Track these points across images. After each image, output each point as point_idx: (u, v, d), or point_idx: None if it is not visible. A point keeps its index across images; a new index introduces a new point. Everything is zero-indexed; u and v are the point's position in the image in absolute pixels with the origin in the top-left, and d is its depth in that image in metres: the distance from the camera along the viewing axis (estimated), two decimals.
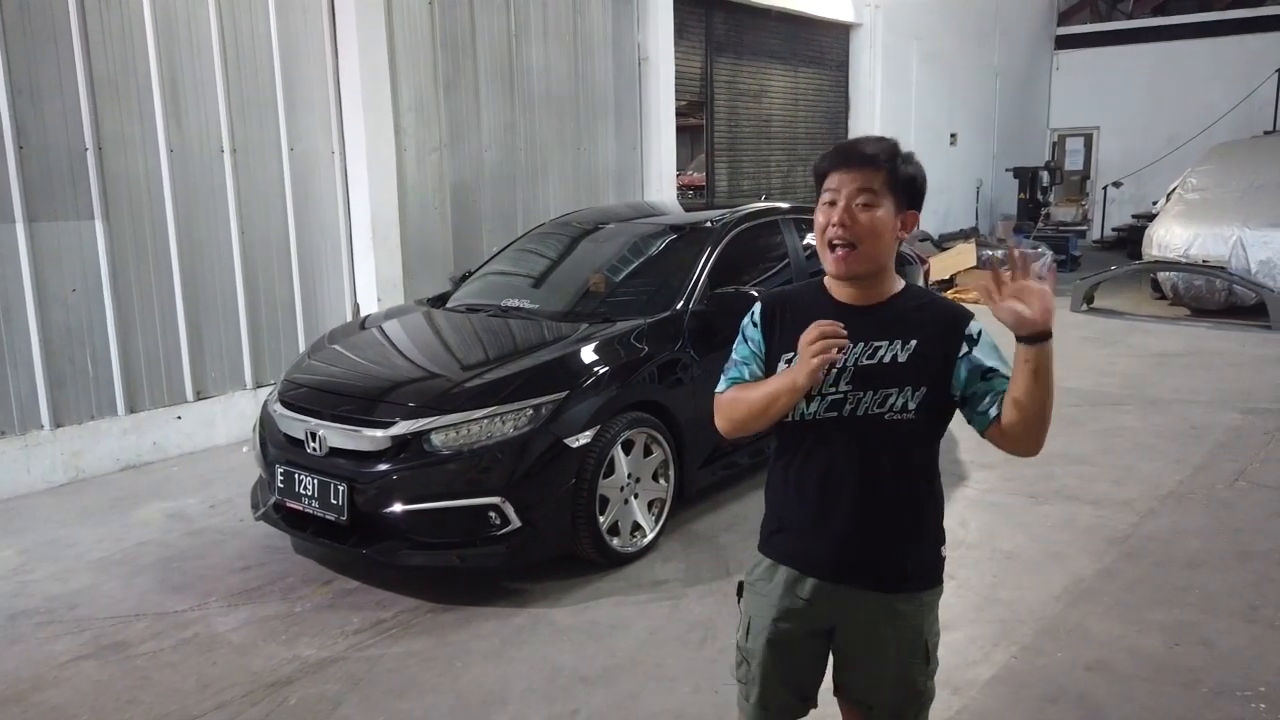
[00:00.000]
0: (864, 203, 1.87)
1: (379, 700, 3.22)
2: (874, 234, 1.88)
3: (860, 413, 1.90)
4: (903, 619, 1.98)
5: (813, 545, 1.99)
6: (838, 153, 1.94)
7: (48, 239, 5.29)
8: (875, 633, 1.98)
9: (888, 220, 1.90)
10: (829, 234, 1.90)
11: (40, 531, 4.74)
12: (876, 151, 1.90)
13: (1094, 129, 17.39)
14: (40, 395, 5.32)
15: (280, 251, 6.42)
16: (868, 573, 1.96)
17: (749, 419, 1.95)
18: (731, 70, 10.68)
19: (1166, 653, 3.42)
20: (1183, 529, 4.52)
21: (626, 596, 3.94)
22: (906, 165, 1.92)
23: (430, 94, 7.19)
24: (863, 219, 1.87)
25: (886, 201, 1.89)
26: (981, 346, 1.92)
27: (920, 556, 2.00)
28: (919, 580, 2.00)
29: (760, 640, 2.04)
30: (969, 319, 1.95)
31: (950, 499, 4.89)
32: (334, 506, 3.91)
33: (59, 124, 5.29)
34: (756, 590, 2.08)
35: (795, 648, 2.03)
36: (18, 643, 3.65)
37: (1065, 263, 13.04)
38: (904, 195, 1.92)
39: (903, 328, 1.92)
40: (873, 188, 1.87)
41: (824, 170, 1.94)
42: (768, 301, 2.06)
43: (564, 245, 5.71)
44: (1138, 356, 8.21)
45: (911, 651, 2.01)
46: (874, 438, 1.91)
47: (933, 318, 1.94)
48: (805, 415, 1.93)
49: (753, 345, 2.03)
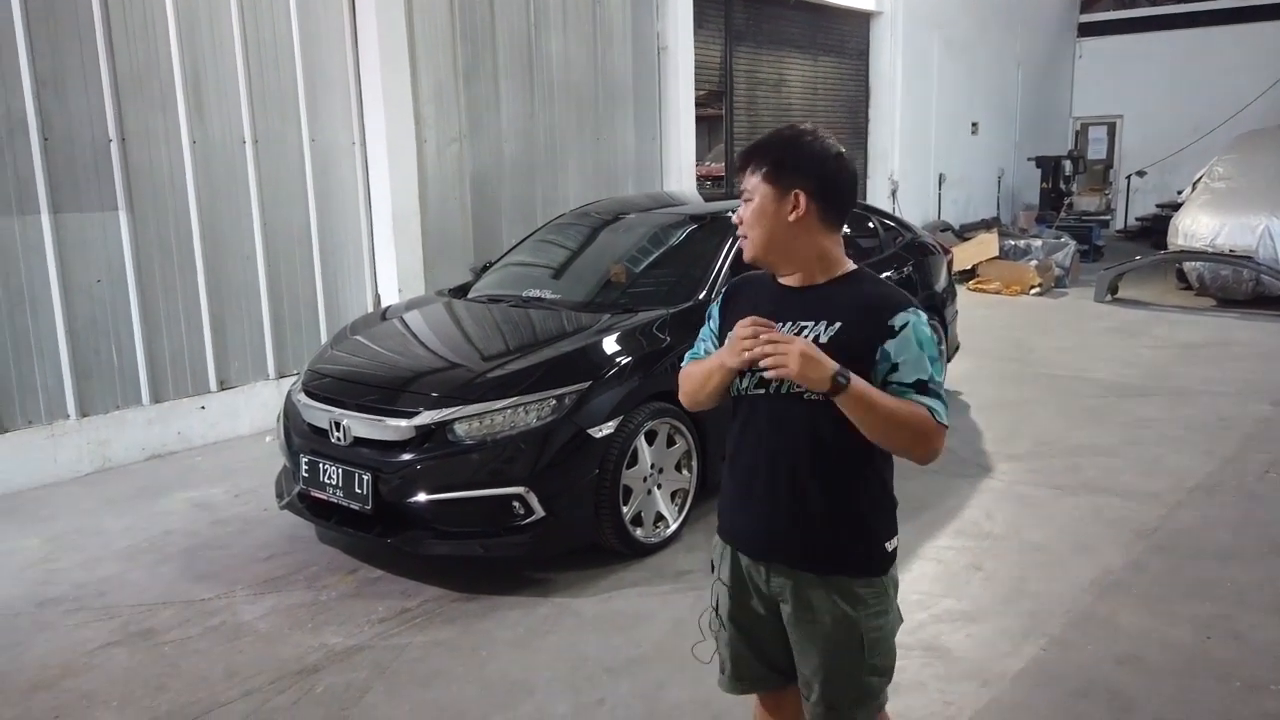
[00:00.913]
0: (746, 198, 2.02)
1: (405, 688, 3.23)
2: (754, 223, 2.00)
3: (784, 390, 1.96)
4: (829, 603, 1.99)
5: (744, 522, 2.08)
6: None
7: (73, 230, 5.32)
8: (803, 614, 2.01)
9: (765, 207, 1.98)
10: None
11: (67, 520, 4.78)
12: (750, 149, 2.05)
13: (1117, 117, 17.18)
14: (66, 385, 5.36)
15: (302, 242, 6.44)
16: (790, 552, 2.01)
17: (695, 391, 2.09)
18: (751, 59, 10.62)
19: (1198, 646, 3.38)
20: (1212, 521, 4.46)
21: (650, 587, 3.93)
22: (776, 154, 1.99)
23: (450, 85, 7.18)
24: (744, 212, 2.03)
25: (762, 190, 1.98)
26: (899, 341, 1.90)
27: (845, 542, 1.99)
28: (849, 567, 2.00)
29: (724, 612, 2.14)
30: (898, 309, 1.93)
31: (976, 490, 4.87)
32: (358, 496, 3.92)
33: (83, 116, 5.32)
34: (716, 567, 2.19)
35: (755, 623, 2.10)
36: (47, 629, 3.69)
37: (1088, 253, 12.91)
38: (783, 178, 1.97)
39: (830, 309, 1.97)
40: (747, 184, 2.01)
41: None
42: (730, 286, 2.20)
43: (584, 236, 5.69)
44: (1163, 347, 8.12)
45: (844, 640, 1.99)
46: (795, 416, 1.96)
47: (861, 303, 1.96)
48: (739, 390, 2.03)
49: (711, 324, 2.17)
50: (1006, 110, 15.45)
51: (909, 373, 1.89)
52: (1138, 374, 7.23)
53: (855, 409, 1.83)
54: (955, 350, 6.80)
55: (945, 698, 3.10)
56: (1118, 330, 8.86)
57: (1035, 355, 7.90)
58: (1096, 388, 6.87)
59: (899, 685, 3.11)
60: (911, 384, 1.88)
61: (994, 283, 10.99)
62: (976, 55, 14.26)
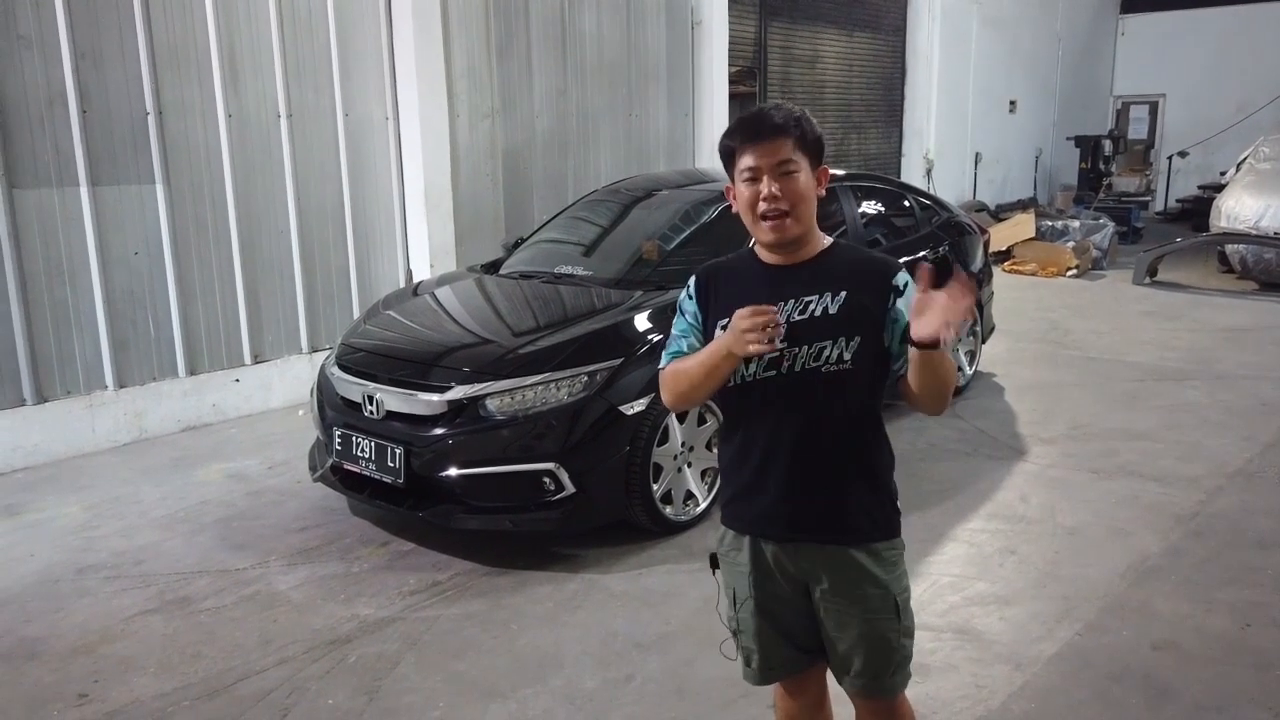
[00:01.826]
0: (786, 171, 1.92)
1: (436, 660, 3.26)
2: (802, 198, 1.93)
3: (798, 368, 1.93)
4: (864, 570, 1.99)
5: (765, 508, 2.02)
6: (746, 127, 1.97)
7: (110, 203, 5.37)
8: (840, 588, 2.00)
9: (809, 183, 1.96)
10: (761, 208, 1.92)
11: (105, 489, 4.86)
12: (784, 121, 1.94)
13: (1160, 96, 16.83)
14: (104, 356, 5.43)
15: (335, 216, 6.46)
16: (819, 527, 1.99)
17: (691, 389, 2.00)
18: (785, 35, 10.49)
19: (1237, 633, 3.32)
20: (1252, 508, 4.39)
21: (679, 565, 3.93)
22: (810, 126, 1.97)
23: (483, 60, 7.16)
24: (789, 187, 1.92)
25: (804, 164, 1.94)
26: (906, 298, 1.93)
27: (868, 508, 2.01)
28: (872, 531, 2.01)
29: (747, 610, 2.09)
30: (897, 269, 1.99)
31: (1010, 473, 4.83)
32: (390, 469, 3.95)
33: (121, 89, 5.35)
34: (729, 561, 2.12)
35: (781, 608, 2.07)
36: (86, 596, 3.75)
37: (1127, 234, 12.68)
38: (814, 155, 1.97)
39: (831, 280, 1.96)
40: (789, 156, 1.92)
41: (734, 147, 1.97)
42: (700, 274, 2.11)
43: (616, 212, 5.66)
44: (1203, 331, 7.97)
45: (879, 606, 2.01)
46: (814, 392, 1.94)
47: (861, 269, 1.99)
48: (745, 377, 1.96)
49: (689, 318, 2.07)
50: (1046, 88, 15.18)
51: None
52: (1176, 358, 7.11)
53: (934, 363, 1.81)
54: (990, 331, 6.72)
55: (978, 681, 3.07)
56: (1156, 313, 8.71)
57: (1071, 338, 7.79)
58: (1134, 371, 6.76)
59: (930, 667, 3.12)
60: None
61: (1030, 264, 10.84)
62: (1016, 31, 14.01)
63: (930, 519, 4.30)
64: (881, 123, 12.28)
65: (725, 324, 1.95)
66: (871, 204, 5.91)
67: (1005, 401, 6.06)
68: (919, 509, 4.37)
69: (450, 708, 3.01)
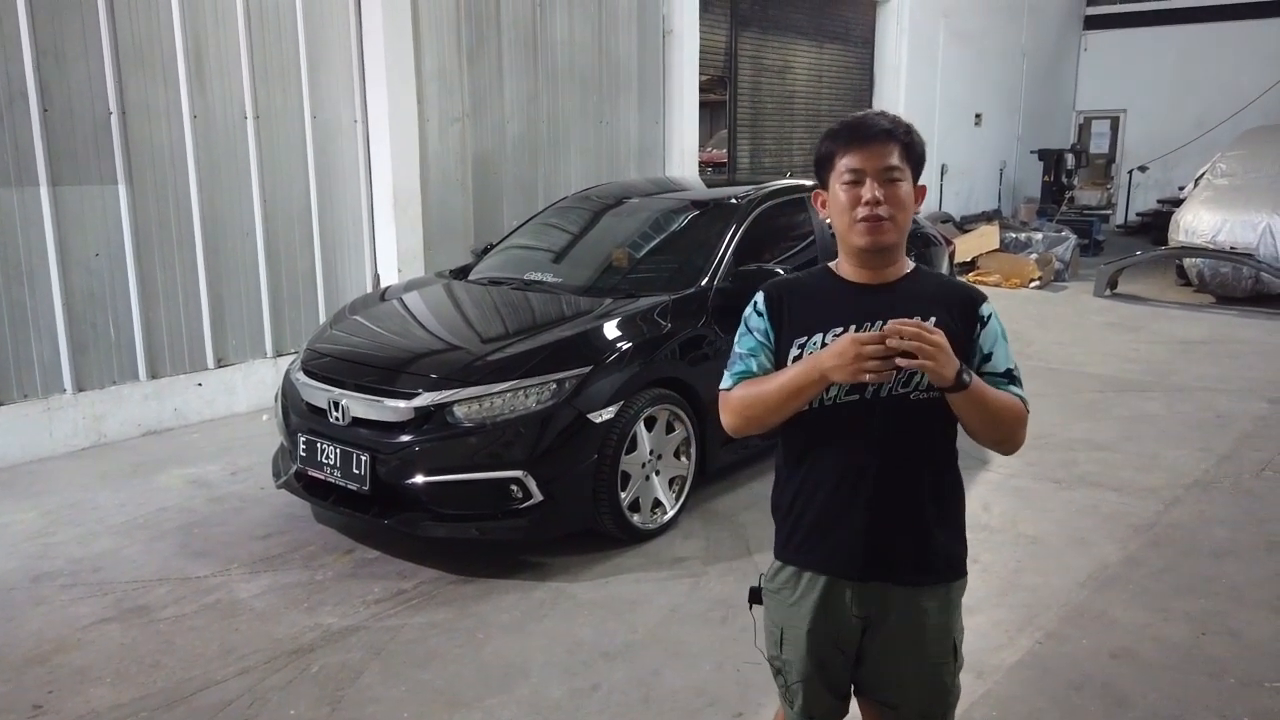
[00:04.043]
0: (891, 178, 1.83)
1: (401, 670, 3.23)
2: (904, 206, 1.84)
3: (884, 394, 1.82)
4: (930, 615, 1.91)
5: (837, 544, 1.89)
6: (851, 129, 1.86)
7: (71, 203, 5.28)
8: (905, 631, 1.91)
9: (910, 193, 1.86)
10: (861, 212, 1.82)
11: (63, 494, 4.77)
12: (892, 126, 1.85)
13: (1121, 111, 17.13)
14: (63, 359, 5.33)
15: (301, 219, 6.40)
16: (895, 568, 1.88)
17: (766, 414, 1.86)
18: (756, 45, 10.55)
19: (1193, 642, 3.38)
20: (1209, 518, 4.47)
21: (647, 573, 3.93)
22: (916, 138, 1.89)
23: (453, 64, 7.13)
24: (892, 193, 1.82)
25: (907, 174, 1.85)
26: (988, 332, 1.89)
27: (946, 547, 1.94)
28: (946, 572, 1.94)
29: (799, 651, 1.96)
30: (983, 299, 1.94)
31: (973, 482, 4.87)
32: (356, 476, 3.91)
33: (83, 88, 5.26)
34: (782, 600, 1.98)
35: (833, 652, 1.95)
36: (41, 604, 3.68)
37: (1088, 247, 12.90)
38: (917, 169, 1.89)
39: (920, 302, 1.86)
40: (896, 163, 1.83)
41: (834, 149, 1.87)
42: (771, 289, 1.98)
43: (587, 219, 5.67)
44: (1162, 343, 8.12)
45: (940, 649, 1.94)
46: (898, 421, 1.84)
47: (949, 294, 1.92)
48: (825, 402, 1.85)
49: (759, 335, 1.94)
50: (1011, 102, 15.40)
51: (1001, 362, 1.87)
52: (1136, 369, 7.23)
53: (970, 405, 1.76)
54: None
55: None
56: (1117, 325, 8.86)
57: (1034, 349, 7.90)
58: (1095, 382, 6.86)
59: None
60: (1003, 373, 1.86)
61: (994, 275, 10.98)
62: (982, 45, 14.20)
63: None
64: None
65: (804, 343, 1.86)
66: None
67: None
68: None
69: (415, 718, 2.98)
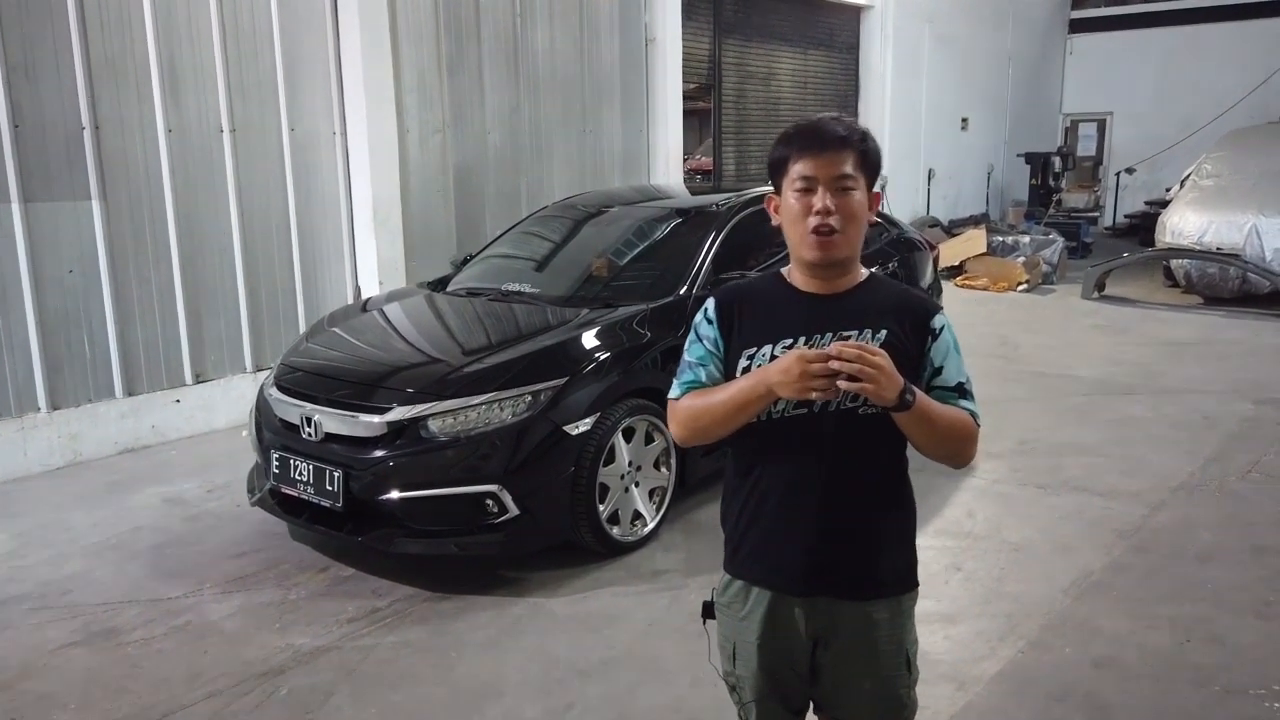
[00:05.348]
0: (843, 187, 1.78)
1: (371, 691, 3.17)
2: (856, 217, 1.79)
3: (833, 408, 1.78)
4: (882, 629, 1.87)
5: (783, 559, 1.86)
6: (805, 135, 1.81)
7: (44, 220, 5.22)
8: (856, 645, 1.87)
9: (864, 203, 1.81)
10: (812, 222, 1.77)
11: (36, 515, 4.70)
12: (847, 133, 1.80)
13: (1107, 114, 17.15)
14: (37, 377, 5.26)
15: (280, 233, 6.35)
16: (843, 582, 1.85)
17: (713, 425, 1.83)
18: (740, 52, 10.54)
19: (1177, 649, 3.34)
20: (1194, 522, 4.43)
21: (626, 586, 3.88)
22: (873, 144, 1.84)
23: (433, 75, 7.09)
24: (844, 203, 1.78)
25: (861, 183, 1.81)
26: (940, 345, 1.85)
27: (895, 559, 1.90)
28: (895, 585, 1.90)
29: (750, 667, 1.92)
30: (935, 310, 1.89)
31: (958, 489, 4.83)
32: (329, 493, 3.85)
33: (55, 103, 5.21)
34: (732, 614, 1.95)
35: (784, 669, 1.92)
36: (8, 629, 3.61)
37: (1077, 249, 12.89)
38: (871, 176, 1.84)
39: (872, 315, 1.82)
40: (849, 171, 1.78)
41: (788, 155, 1.82)
42: (723, 297, 1.93)
43: (567, 228, 5.63)
44: (1149, 345, 8.09)
45: (893, 663, 1.90)
46: (846, 435, 1.80)
47: (902, 306, 1.87)
48: (773, 415, 1.81)
49: (709, 344, 1.89)
50: (997, 106, 15.41)
51: (951, 375, 1.84)
52: (1123, 372, 7.20)
53: (915, 423, 1.73)
54: None
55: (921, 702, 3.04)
56: (1104, 328, 8.83)
57: (1021, 352, 7.87)
58: (1082, 385, 6.83)
59: None
60: (954, 387, 1.83)
61: (981, 279, 10.96)
62: (968, 50, 14.21)
63: None
64: None
65: (753, 354, 1.82)
66: None
67: None
68: None
69: None
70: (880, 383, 1.63)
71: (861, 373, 1.62)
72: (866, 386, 1.63)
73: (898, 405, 1.68)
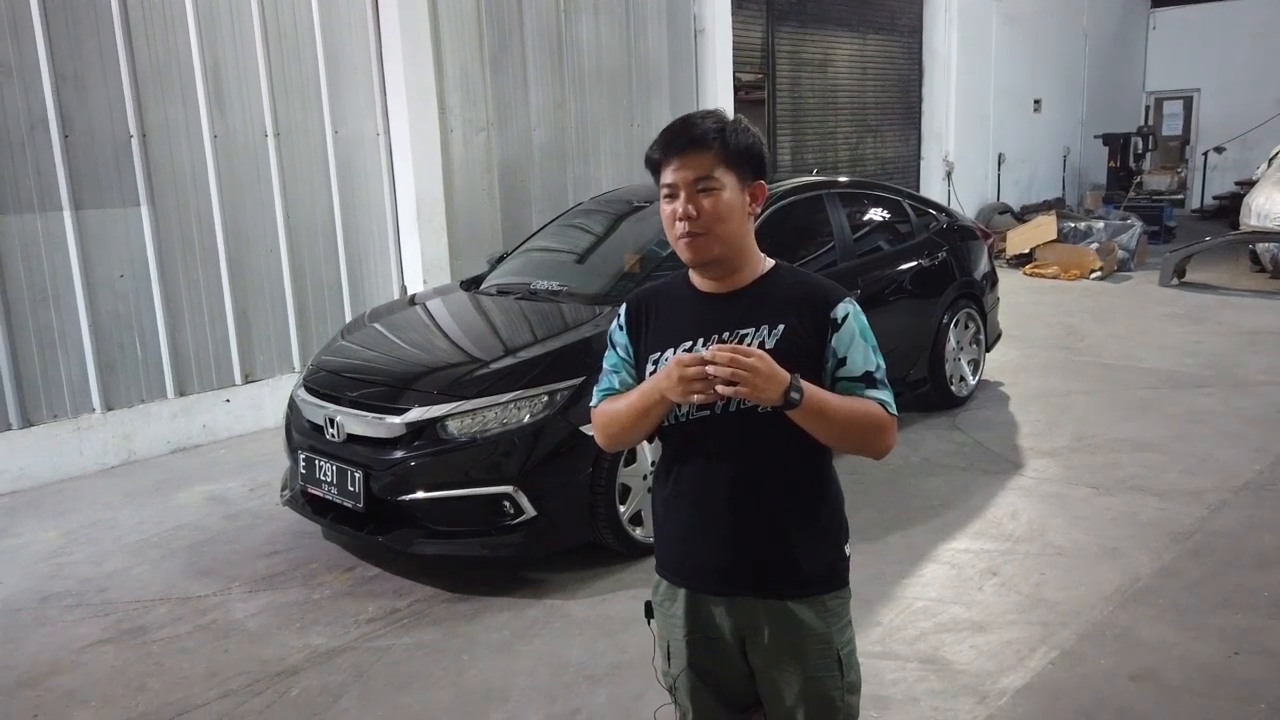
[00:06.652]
0: (704, 188, 1.75)
1: (380, 693, 3.17)
2: (720, 218, 1.75)
3: (733, 408, 1.76)
4: (806, 627, 1.83)
5: (699, 558, 1.86)
6: (665, 139, 1.79)
7: (95, 226, 5.39)
8: (779, 644, 1.84)
9: (734, 200, 1.77)
10: (677, 229, 1.76)
11: (86, 513, 4.85)
12: (704, 130, 1.76)
13: (1194, 91, 16.37)
14: (91, 379, 5.43)
15: (325, 234, 6.44)
16: (758, 580, 1.83)
17: (623, 432, 1.86)
18: (794, 40, 10.33)
19: (1223, 662, 3.12)
20: (1257, 524, 4.16)
21: (646, 589, 3.73)
22: (739, 136, 1.78)
23: (476, 73, 7.10)
24: (707, 205, 1.74)
25: (728, 180, 1.76)
26: (843, 334, 1.79)
27: (813, 556, 1.84)
28: (817, 583, 1.85)
29: (681, 664, 1.92)
30: (837, 299, 1.82)
31: (1003, 489, 4.63)
32: (351, 493, 3.88)
33: (103, 112, 5.37)
34: (664, 611, 1.94)
35: (717, 666, 1.90)
36: (45, 625, 3.72)
37: (1159, 234, 12.32)
38: (746, 168, 1.79)
39: (768, 311, 1.80)
40: (710, 173, 1.75)
41: (657, 160, 1.80)
42: (632, 302, 1.94)
43: (603, 224, 5.56)
44: (1227, 334, 7.66)
45: (820, 663, 1.84)
46: (750, 433, 1.78)
47: (799, 297, 1.82)
48: (678, 418, 1.81)
49: (620, 351, 1.91)
50: (1073, 86, 14.83)
51: (857, 365, 1.79)
52: (1196, 363, 6.83)
53: (809, 420, 1.70)
54: (996, 339, 6.51)
55: (938, 715, 2.91)
56: (1181, 316, 8.40)
57: (1087, 343, 7.53)
58: (1149, 378, 6.50)
59: (889, 700, 2.97)
60: (860, 377, 1.79)
61: (1052, 267, 10.55)
62: (1039, 29, 13.69)
63: (912, 538, 4.13)
64: (899, 126, 12.05)
65: (657, 359, 1.82)
66: (861, 212, 5.73)
67: (1009, 412, 5.85)
68: (902, 528, 4.21)
69: None
70: (757, 384, 1.61)
71: (735, 376, 1.60)
72: (742, 390, 1.61)
73: (784, 404, 1.65)
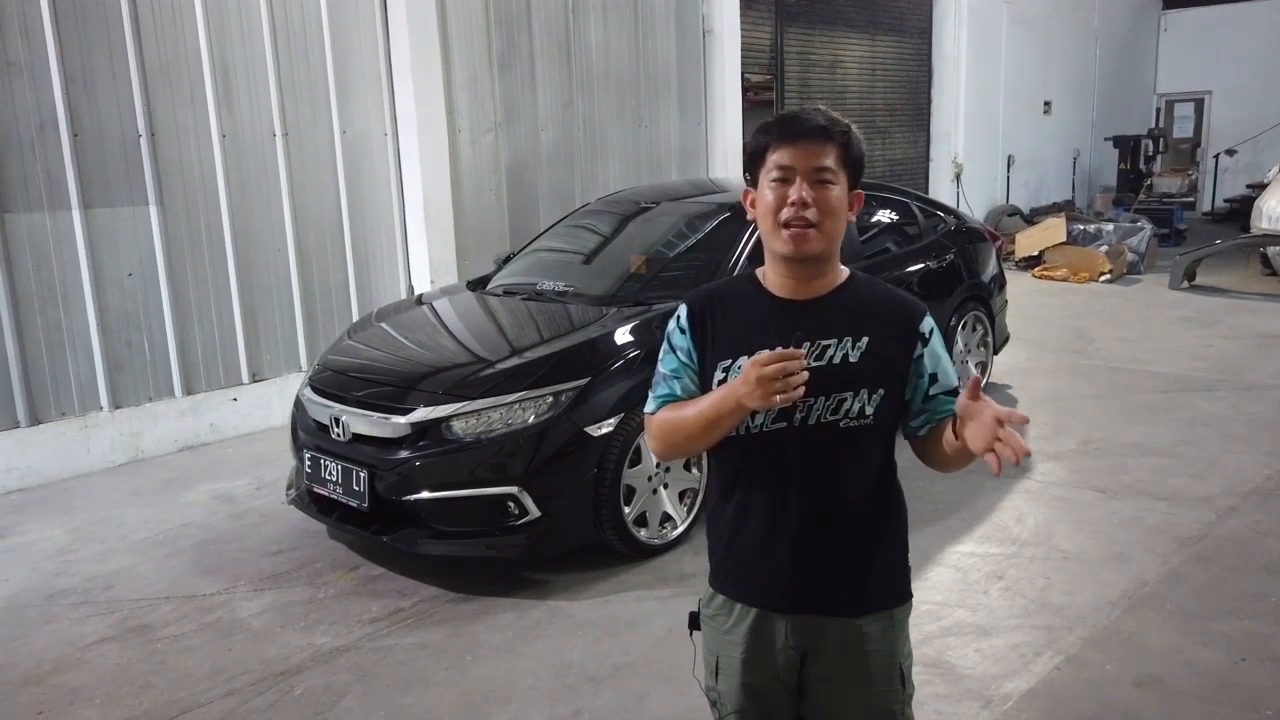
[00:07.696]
0: (822, 179, 1.67)
1: (382, 693, 3.17)
2: (832, 213, 1.68)
3: (813, 421, 1.69)
4: (873, 643, 1.77)
5: (768, 575, 1.77)
6: (784, 123, 1.71)
7: (103, 225, 5.41)
8: (845, 661, 1.78)
9: (844, 199, 1.71)
10: (785, 214, 1.67)
11: (92, 511, 4.86)
12: (828, 124, 1.70)
13: (1205, 93, 16.29)
14: (99, 377, 5.46)
15: (333, 234, 6.45)
16: (830, 598, 1.76)
17: (688, 442, 1.75)
18: (804, 41, 10.32)
19: (1229, 669, 3.10)
20: (1265, 529, 4.13)
21: (650, 590, 3.80)
22: (858, 142, 1.74)
23: (484, 73, 7.11)
24: (821, 197, 1.67)
25: (841, 179, 1.70)
26: (931, 350, 1.76)
27: (886, 574, 1.80)
28: (887, 597, 1.80)
29: (733, 682, 1.83)
30: (922, 313, 1.78)
31: (1010, 492, 4.62)
32: (356, 493, 3.88)
33: (112, 111, 5.39)
34: (716, 627, 1.86)
35: (771, 686, 1.82)
36: (51, 623, 3.73)
37: (1169, 237, 12.28)
38: (855, 174, 1.74)
39: (851, 322, 1.72)
40: (829, 164, 1.68)
41: (766, 144, 1.71)
42: (695, 303, 1.82)
43: (610, 225, 5.56)
44: (1238, 338, 7.62)
45: (885, 677, 1.79)
46: (830, 448, 1.71)
47: (884, 311, 1.76)
48: (751, 429, 1.71)
49: (682, 355, 1.79)
50: (1083, 88, 14.77)
51: (950, 380, 1.76)
52: (1205, 367, 6.79)
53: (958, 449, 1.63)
54: (1004, 342, 6.48)
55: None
56: (1190, 319, 8.36)
57: (1095, 346, 7.50)
58: (1158, 381, 6.47)
59: None
60: (952, 391, 1.75)
61: (1061, 269, 10.51)
62: (1050, 30, 13.65)
63: (918, 541, 4.07)
64: (908, 127, 12.03)
65: (728, 366, 1.73)
66: (869, 214, 5.70)
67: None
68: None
69: None
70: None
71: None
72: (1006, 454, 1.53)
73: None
